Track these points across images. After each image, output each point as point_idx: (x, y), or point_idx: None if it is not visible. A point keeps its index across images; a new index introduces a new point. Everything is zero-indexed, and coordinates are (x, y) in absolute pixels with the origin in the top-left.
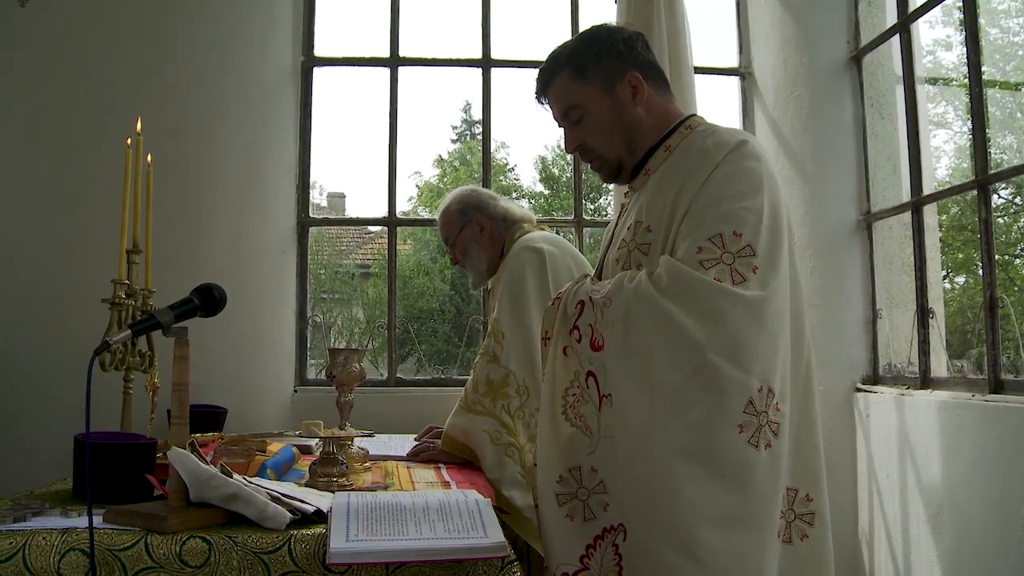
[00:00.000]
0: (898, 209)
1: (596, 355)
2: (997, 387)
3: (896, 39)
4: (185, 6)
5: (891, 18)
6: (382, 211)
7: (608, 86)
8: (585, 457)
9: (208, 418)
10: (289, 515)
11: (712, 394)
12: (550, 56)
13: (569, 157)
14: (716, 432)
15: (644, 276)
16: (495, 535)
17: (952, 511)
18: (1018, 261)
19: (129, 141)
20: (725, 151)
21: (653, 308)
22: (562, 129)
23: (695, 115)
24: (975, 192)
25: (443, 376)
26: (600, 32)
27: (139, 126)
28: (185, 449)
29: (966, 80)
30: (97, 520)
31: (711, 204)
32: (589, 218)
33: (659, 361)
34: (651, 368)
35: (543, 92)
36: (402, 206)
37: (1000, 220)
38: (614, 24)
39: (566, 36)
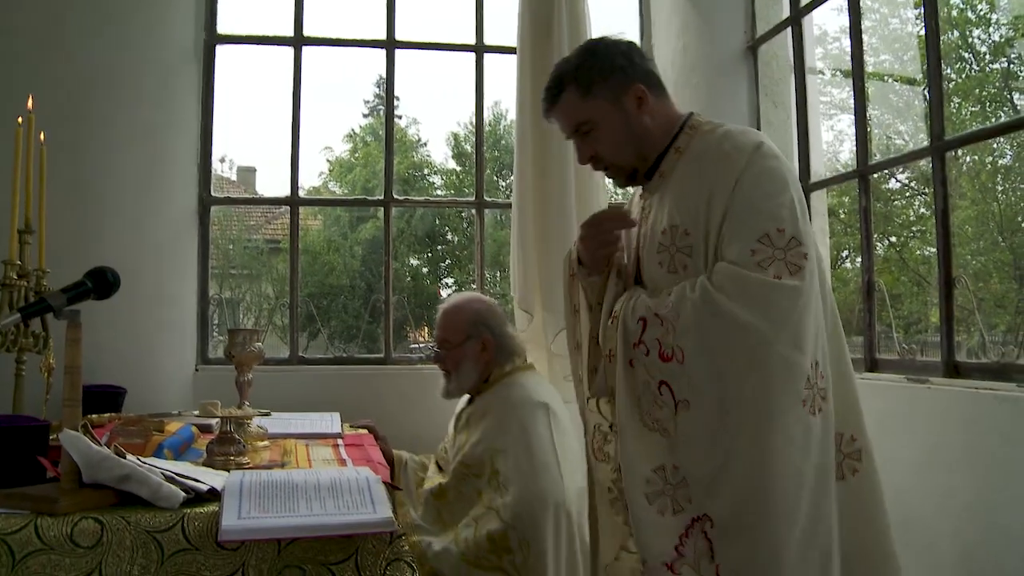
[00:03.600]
0: None
1: (667, 366)
2: (872, 365)
3: (789, 31)
4: None
5: (786, 10)
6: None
7: (615, 99)
8: (667, 456)
9: (107, 398)
10: (183, 494)
11: (784, 381)
12: (555, 75)
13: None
14: (789, 410)
15: (706, 285)
16: (383, 511)
17: None
18: (912, 243)
19: (20, 119)
20: (746, 155)
21: (724, 316)
22: (572, 142)
23: (693, 114)
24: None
25: (345, 355)
26: (599, 48)
27: (30, 103)
28: (78, 431)
29: (868, 68)
30: None
31: (749, 207)
32: (491, 199)
33: (735, 361)
34: (729, 368)
35: (550, 110)
36: (312, 181)
37: (897, 203)
38: (610, 38)
39: (471, 15)
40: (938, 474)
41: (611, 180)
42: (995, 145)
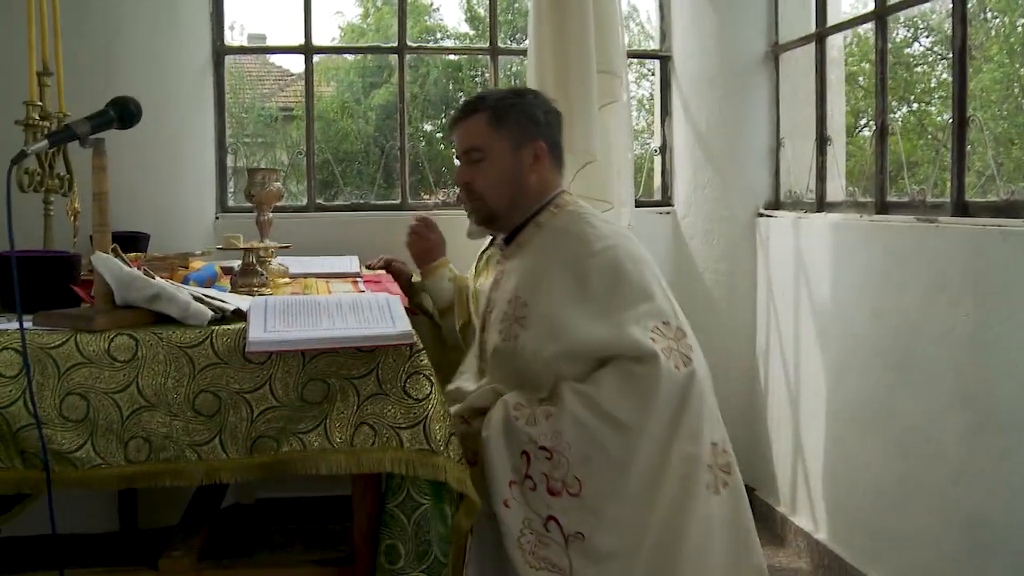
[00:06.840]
0: (803, 40)
1: (557, 500)
2: (883, 208)
3: None
4: None
5: None
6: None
7: (516, 144)
8: None
9: (130, 242)
10: (211, 312)
11: (691, 480)
12: (477, 95)
13: None
14: (698, 506)
15: (592, 398)
16: (403, 326)
17: (838, 323)
18: (932, 109)
19: None
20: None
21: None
22: (457, 162)
23: (563, 193)
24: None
25: (362, 201)
26: (529, 94)
27: None
28: (108, 254)
29: None
30: (27, 325)
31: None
32: (504, 46)
33: (642, 476)
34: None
35: (456, 124)
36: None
37: (919, 69)
38: (544, 96)
39: None
40: (942, 308)
41: (471, 215)
42: None
